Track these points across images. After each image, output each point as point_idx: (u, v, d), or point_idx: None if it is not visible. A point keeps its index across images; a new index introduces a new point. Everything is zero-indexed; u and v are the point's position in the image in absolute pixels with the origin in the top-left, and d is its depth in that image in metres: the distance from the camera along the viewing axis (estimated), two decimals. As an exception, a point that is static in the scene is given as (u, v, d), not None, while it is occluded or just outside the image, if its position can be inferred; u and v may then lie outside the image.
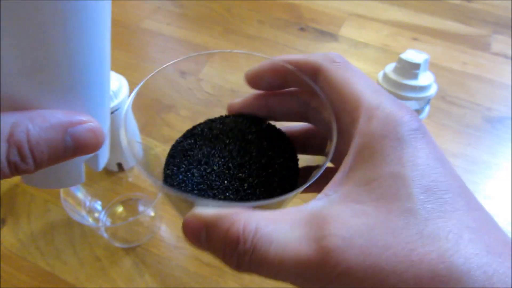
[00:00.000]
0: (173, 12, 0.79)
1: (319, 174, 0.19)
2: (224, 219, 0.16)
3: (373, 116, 0.18)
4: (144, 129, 0.57)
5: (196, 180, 0.22)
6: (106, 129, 0.20)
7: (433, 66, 0.67)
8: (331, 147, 0.19)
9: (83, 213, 0.42)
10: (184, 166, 0.22)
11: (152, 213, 0.45)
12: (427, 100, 0.46)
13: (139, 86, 0.25)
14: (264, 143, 0.23)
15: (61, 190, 0.39)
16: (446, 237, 0.14)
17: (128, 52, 0.69)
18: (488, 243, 0.15)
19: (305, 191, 0.20)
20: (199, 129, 0.27)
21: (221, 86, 0.64)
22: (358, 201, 0.16)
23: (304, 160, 0.24)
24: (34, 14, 0.13)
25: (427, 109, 0.47)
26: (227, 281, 0.41)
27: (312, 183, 0.19)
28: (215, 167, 0.22)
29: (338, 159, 0.20)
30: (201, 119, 0.64)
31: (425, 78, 0.44)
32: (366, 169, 0.17)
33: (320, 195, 0.17)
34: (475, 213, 0.16)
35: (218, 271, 0.42)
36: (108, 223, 0.45)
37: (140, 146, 0.47)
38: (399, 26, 0.76)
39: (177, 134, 0.63)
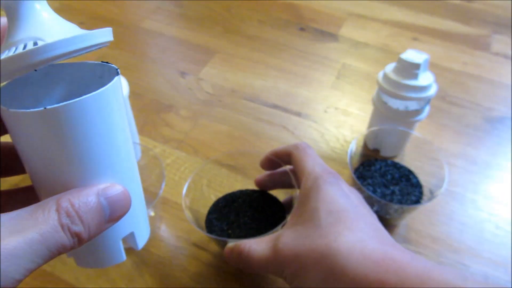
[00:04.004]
0: (173, 12, 0.79)
1: (284, 222, 0.36)
2: (236, 246, 0.33)
3: (308, 178, 0.33)
4: (143, 129, 0.57)
5: (228, 227, 0.40)
6: (138, 205, 0.24)
7: (433, 66, 0.67)
8: (296, 202, 0.35)
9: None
10: (221, 220, 0.41)
11: (152, 213, 0.45)
12: (427, 100, 0.46)
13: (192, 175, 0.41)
14: (265, 205, 0.42)
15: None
16: (334, 235, 0.28)
17: (128, 52, 0.69)
18: (362, 236, 0.28)
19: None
20: (233, 197, 0.43)
21: (221, 86, 0.64)
22: (296, 224, 0.31)
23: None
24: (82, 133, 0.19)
25: (427, 109, 0.47)
26: (227, 281, 0.41)
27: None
28: (240, 220, 0.41)
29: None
30: (201, 119, 0.65)
31: (425, 78, 0.44)
32: (301, 207, 0.32)
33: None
34: (360, 221, 0.29)
35: (218, 271, 0.42)
36: (108, 223, 0.45)
37: (139, 148, 0.47)
38: (399, 26, 0.76)
39: (177, 134, 0.63)
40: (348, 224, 0.28)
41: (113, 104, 0.20)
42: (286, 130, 0.57)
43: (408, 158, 0.48)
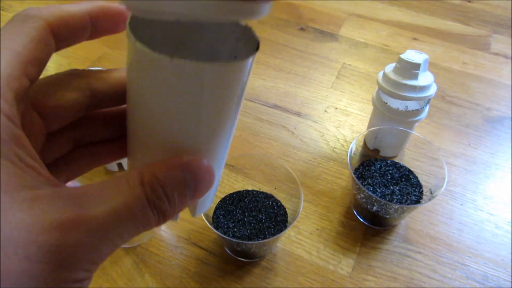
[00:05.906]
0: (173, 12, 0.79)
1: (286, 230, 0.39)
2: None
3: None
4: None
5: (237, 226, 0.42)
6: (218, 176, 0.22)
7: (433, 66, 0.67)
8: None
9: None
10: (227, 217, 0.42)
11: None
12: (427, 100, 0.46)
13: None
14: (270, 208, 0.43)
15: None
16: None
17: (128, 52, 0.69)
18: None
19: None
20: (240, 195, 0.44)
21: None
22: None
23: None
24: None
25: (427, 109, 0.47)
26: (227, 281, 0.41)
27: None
28: (245, 219, 0.42)
29: None
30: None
31: (425, 78, 0.44)
32: None
33: None
34: None
35: (218, 271, 0.42)
36: (108, 223, 0.45)
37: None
38: (399, 26, 0.76)
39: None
40: None
41: (243, 80, 0.19)
42: (286, 130, 0.57)
43: (408, 158, 0.48)
